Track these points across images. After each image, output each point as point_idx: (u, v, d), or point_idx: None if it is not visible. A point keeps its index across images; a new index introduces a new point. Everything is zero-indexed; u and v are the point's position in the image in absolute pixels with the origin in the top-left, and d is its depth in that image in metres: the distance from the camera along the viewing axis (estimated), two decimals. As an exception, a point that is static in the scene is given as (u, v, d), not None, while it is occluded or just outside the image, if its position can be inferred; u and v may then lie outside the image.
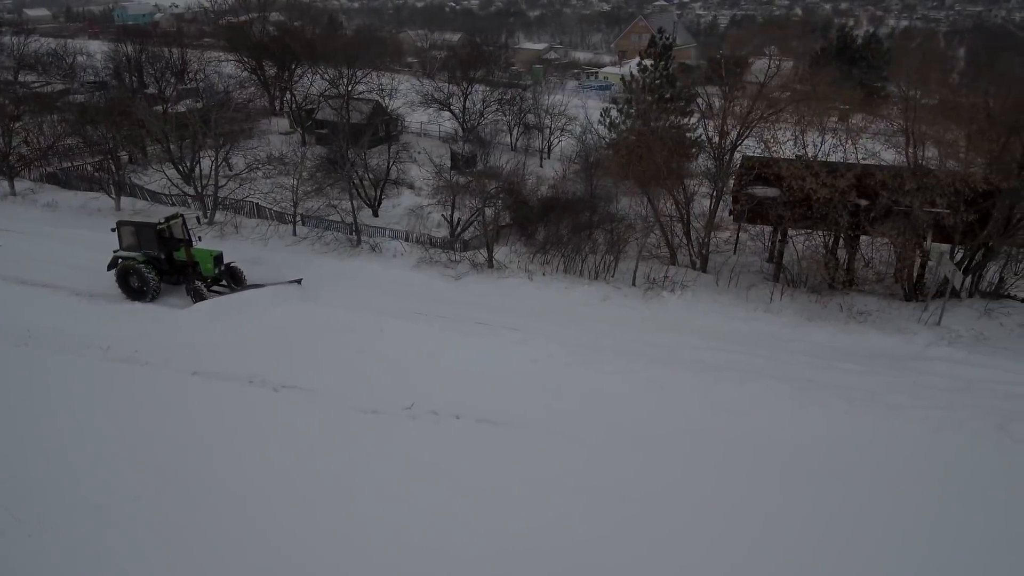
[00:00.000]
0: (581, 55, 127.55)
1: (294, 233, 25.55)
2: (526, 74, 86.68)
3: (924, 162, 21.25)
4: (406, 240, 26.03)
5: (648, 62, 33.71)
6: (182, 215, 22.23)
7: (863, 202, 21.74)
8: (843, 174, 19.77)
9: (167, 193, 28.98)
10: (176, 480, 12.61)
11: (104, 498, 12.25)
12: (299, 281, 21.26)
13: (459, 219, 25.88)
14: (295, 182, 25.45)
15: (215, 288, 21.35)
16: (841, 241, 23.10)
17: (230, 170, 32.22)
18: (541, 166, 42.53)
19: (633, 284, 22.54)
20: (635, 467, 13.48)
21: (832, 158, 23.58)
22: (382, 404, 15.18)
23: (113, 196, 28.46)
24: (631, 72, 36.30)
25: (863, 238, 23.06)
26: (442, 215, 26.29)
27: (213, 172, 26.78)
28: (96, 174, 30.31)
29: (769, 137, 22.55)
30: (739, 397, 15.49)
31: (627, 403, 15.41)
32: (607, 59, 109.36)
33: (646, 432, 14.55)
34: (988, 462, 14.12)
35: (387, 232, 26.27)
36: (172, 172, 27.59)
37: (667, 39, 34.22)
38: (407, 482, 12.67)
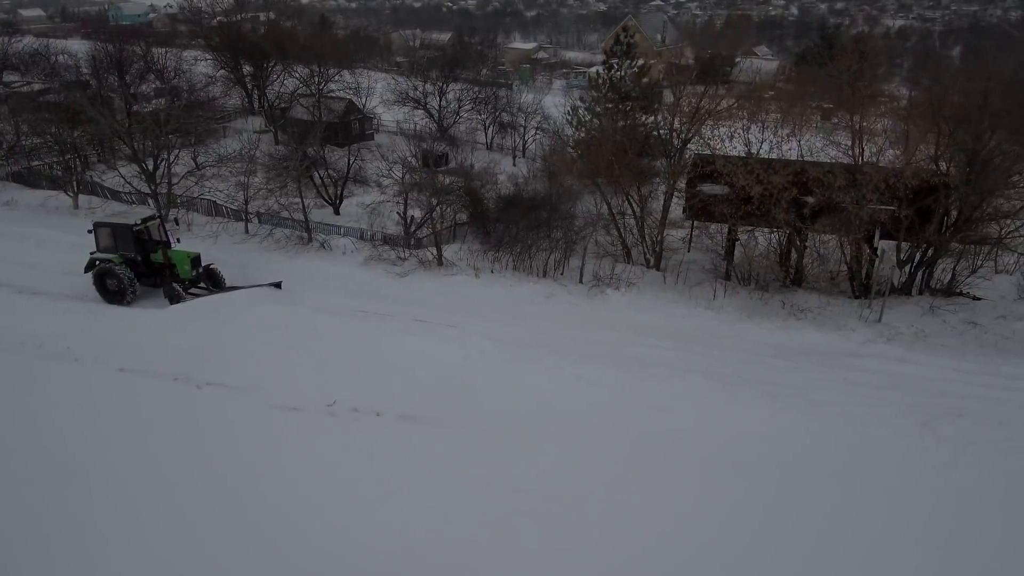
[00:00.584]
0: (576, 55, 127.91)
1: (246, 230, 25.51)
2: (513, 73, 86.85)
3: (870, 159, 21.24)
4: (361, 238, 25.99)
5: (614, 60, 33.66)
6: (159, 216, 21.64)
7: (809, 199, 21.73)
8: (778, 171, 19.71)
9: (126, 191, 28.96)
10: (81, 474, 12.56)
11: (11, 489, 12.21)
12: (279, 284, 20.84)
13: (412, 216, 25.81)
14: (245, 179, 25.40)
15: (192, 290, 21.03)
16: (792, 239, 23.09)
17: (198, 168, 32.30)
18: (514, 165, 42.56)
19: (580, 282, 22.49)
20: (549, 463, 13.39)
21: (789, 155, 23.61)
22: (304, 402, 15.10)
23: (71, 194, 28.42)
24: (597, 71, 36.26)
25: (822, 236, 23.04)
26: (397, 212, 26.25)
27: (166, 170, 26.73)
28: (55, 172, 30.28)
29: (709, 136, 22.49)
30: (663, 393, 15.42)
31: (551, 400, 15.33)
32: (599, 59, 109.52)
33: (565, 429, 14.45)
34: (908, 460, 14.05)
35: (342, 230, 26.23)
36: (129, 170, 27.50)
37: (631, 38, 34.17)
38: (310, 479, 12.61)
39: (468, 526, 11.62)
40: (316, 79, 42.28)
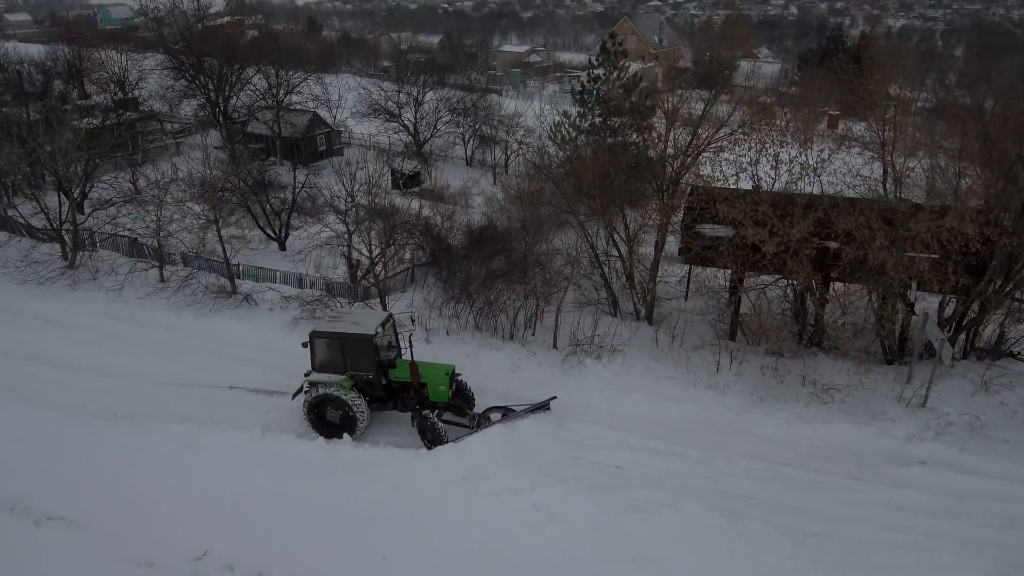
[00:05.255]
0: (571, 56, 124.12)
1: (160, 278, 21.49)
2: (504, 77, 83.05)
3: (905, 188, 17.31)
4: (300, 285, 22.09)
5: (600, 71, 29.75)
6: (392, 315, 16.13)
7: (832, 244, 17.85)
8: (798, 221, 15.73)
9: (43, 228, 24.96)
10: None
11: None
12: (549, 402, 15.46)
13: (359, 261, 21.86)
14: (158, 215, 21.41)
15: (446, 417, 15.21)
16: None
17: (137, 192, 28.38)
18: (495, 183, 38.67)
19: (554, 346, 18.59)
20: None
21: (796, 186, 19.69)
22: (164, 552, 11.23)
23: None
24: (581, 83, 32.31)
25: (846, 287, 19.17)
26: (342, 254, 22.32)
27: (69, 204, 22.78)
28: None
29: (709, 173, 18.57)
30: (649, 536, 11.50)
31: (499, 544, 11.43)
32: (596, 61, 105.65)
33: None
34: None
35: (277, 275, 22.29)
36: (29, 207, 23.55)
37: (620, 45, 30.23)
38: None
39: None
40: (274, 90, 38.34)
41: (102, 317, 19.41)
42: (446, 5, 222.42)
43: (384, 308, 19.80)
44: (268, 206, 26.01)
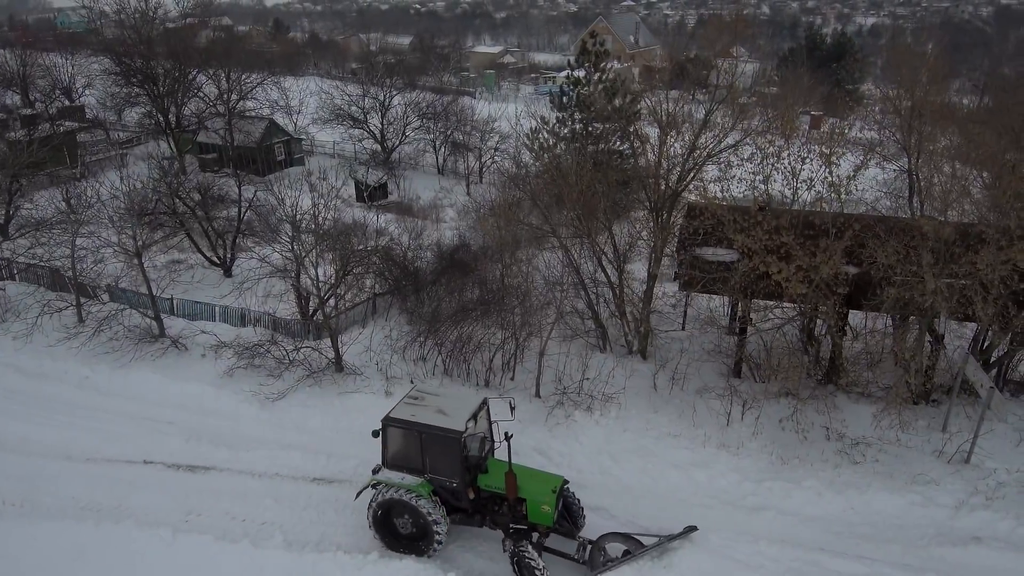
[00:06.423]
0: (546, 57, 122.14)
1: (79, 318, 18.50)
2: (477, 79, 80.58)
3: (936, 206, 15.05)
4: (242, 320, 19.29)
5: (580, 73, 27.29)
6: (487, 401, 12.57)
7: (852, 269, 15.58)
8: (827, 253, 13.33)
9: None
10: None
11: None
12: (690, 532, 11.36)
13: (309, 292, 19.09)
14: (72, 242, 18.45)
15: (548, 543, 11.59)
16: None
17: (72, 212, 25.32)
18: (468, 194, 36.04)
19: (537, 395, 16.04)
20: None
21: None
22: None
23: None
24: (560, 86, 29.87)
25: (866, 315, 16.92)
26: (291, 284, 19.55)
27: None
28: None
29: (713, 193, 16.12)
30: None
31: None
32: (572, 58, 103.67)
33: None
34: None
35: (216, 311, 19.46)
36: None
37: (601, 45, 27.79)
38: None
39: None
40: (225, 96, 35.28)
41: (5, 370, 16.47)
42: (418, 6, 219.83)
43: (338, 362, 16.89)
44: (211, 228, 23.11)
